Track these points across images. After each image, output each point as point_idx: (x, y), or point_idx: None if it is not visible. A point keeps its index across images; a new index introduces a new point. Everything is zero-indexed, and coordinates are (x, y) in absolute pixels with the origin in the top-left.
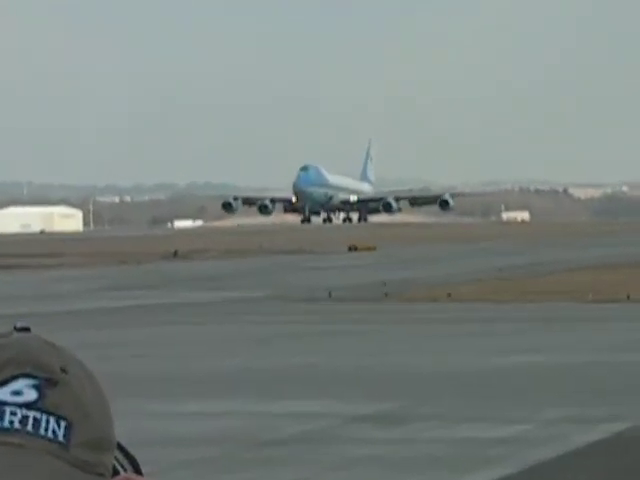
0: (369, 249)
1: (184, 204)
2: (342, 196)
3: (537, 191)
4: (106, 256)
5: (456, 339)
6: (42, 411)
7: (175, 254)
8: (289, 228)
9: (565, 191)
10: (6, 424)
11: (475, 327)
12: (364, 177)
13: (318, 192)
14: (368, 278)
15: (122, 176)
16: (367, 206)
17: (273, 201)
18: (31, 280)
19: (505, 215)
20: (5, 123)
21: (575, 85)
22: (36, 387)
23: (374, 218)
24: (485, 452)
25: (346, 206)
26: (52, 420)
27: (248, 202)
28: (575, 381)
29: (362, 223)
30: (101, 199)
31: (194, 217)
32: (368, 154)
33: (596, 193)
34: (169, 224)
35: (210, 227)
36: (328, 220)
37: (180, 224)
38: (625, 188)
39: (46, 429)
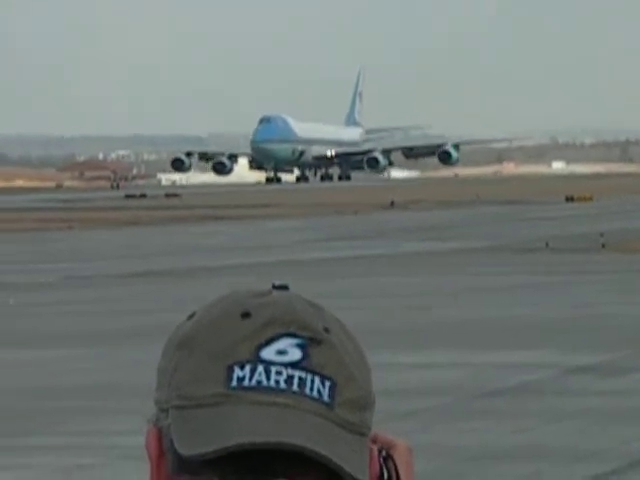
0: (586, 199)
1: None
2: (316, 150)
3: None
4: (323, 207)
5: None
6: (307, 371)
7: (392, 204)
8: (505, 178)
9: None
10: (272, 384)
11: None
12: (350, 120)
13: (283, 148)
14: (585, 228)
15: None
16: (349, 161)
17: (233, 157)
18: (249, 231)
19: None
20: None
21: None
22: (300, 346)
23: (398, 173)
24: None
25: (322, 162)
26: (317, 380)
27: (205, 158)
28: None
29: (344, 182)
30: None
31: (410, 167)
32: (357, 90)
33: None
34: (385, 174)
35: (426, 177)
36: (303, 179)
37: (396, 174)
38: None
39: (311, 389)
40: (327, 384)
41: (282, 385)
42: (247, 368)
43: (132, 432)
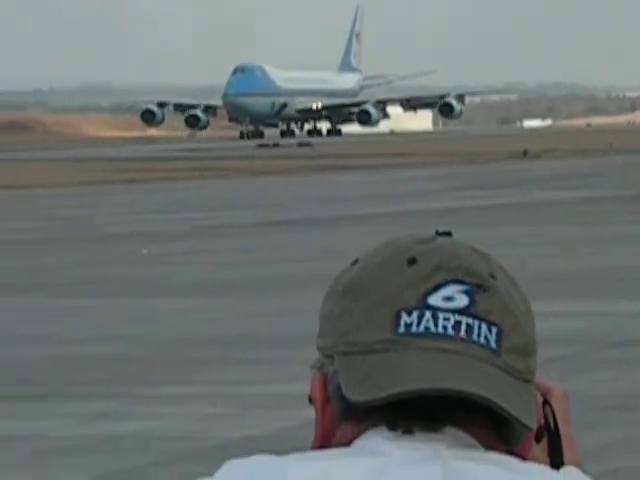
0: None
1: (533, 104)
2: (301, 102)
3: None
4: (455, 156)
5: None
6: (474, 317)
7: (524, 154)
8: (638, 128)
9: None
10: (440, 330)
11: None
12: (346, 64)
13: (260, 102)
14: None
15: (470, 76)
16: (338, 113)
17: (210, 109)
18: (380, 180)
19: None
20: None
21: None
22: (467, 293)
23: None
24: None
25: (308, 115)
26: (484, 326)
27: (180, 109)
28: None
29: (335, 137)
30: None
31: (543, 116)
32: (353, 30)
33: None
34: (518, 124)
35: (559, 126)
36: (288, 133)
37: (529, 124)
38: None
39: (479, 335)
40: (494, 330)
41: (450, 331)
42: (414, 314)
43: (263, 382)
